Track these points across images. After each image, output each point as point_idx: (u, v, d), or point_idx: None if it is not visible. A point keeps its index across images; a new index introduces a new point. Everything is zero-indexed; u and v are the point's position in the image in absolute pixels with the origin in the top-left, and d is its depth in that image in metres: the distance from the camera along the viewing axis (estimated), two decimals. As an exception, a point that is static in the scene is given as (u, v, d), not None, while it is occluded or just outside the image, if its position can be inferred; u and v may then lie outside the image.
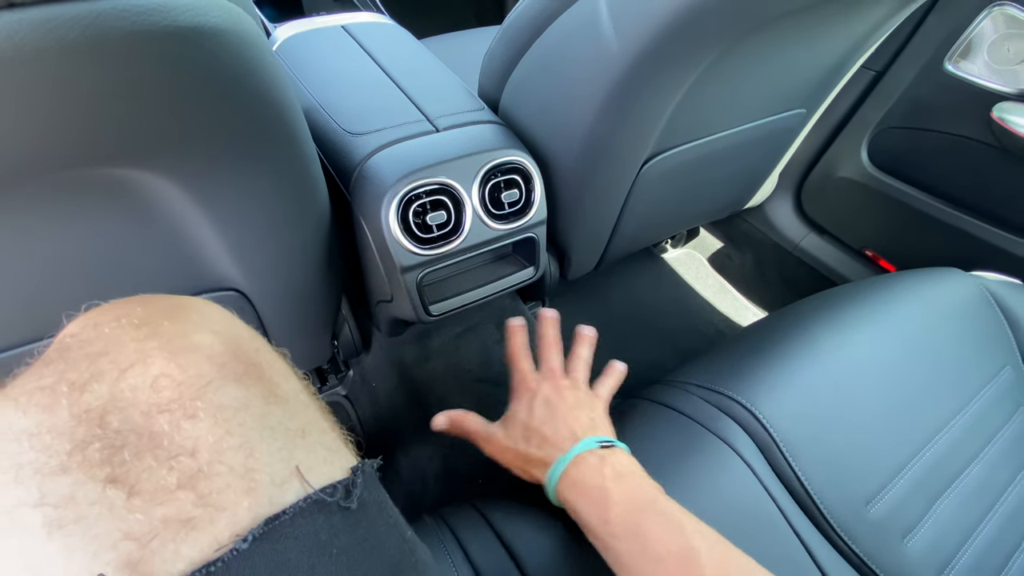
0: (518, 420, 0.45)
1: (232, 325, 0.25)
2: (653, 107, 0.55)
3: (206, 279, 0.46)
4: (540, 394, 0.46)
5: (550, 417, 0.44)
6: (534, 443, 0.43)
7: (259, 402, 0.22)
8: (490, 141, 0.55)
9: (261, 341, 0.26)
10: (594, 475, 0.39)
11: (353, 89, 0.60)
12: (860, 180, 0.95)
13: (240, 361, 0.23)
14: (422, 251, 0.51)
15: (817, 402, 0.54)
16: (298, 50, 0.68)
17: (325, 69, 0.64)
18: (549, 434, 0.43)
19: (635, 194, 0.67)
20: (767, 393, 0.54)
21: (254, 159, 0.36)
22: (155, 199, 0.36)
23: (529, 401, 0.46)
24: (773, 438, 0.51)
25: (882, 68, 0.88)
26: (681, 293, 1.14)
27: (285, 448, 0.22)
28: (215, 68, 0.27)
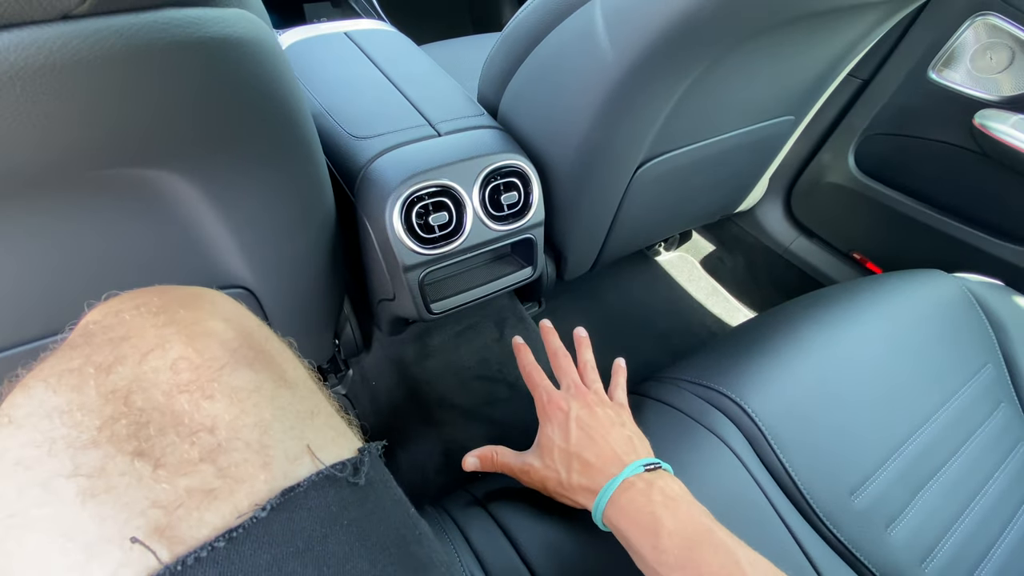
0: (555, 446, 0.43)
1: (242, 315, 0.27)
2: (647, 114, 0.57)
3: (218, 277, 0.48)
4: (572, 416, 0.44)
5: (589, 441, 0.42)
6: (575, 469, 0.41)
7: (270, 385, 0.23)
8: (490, 145, 0.57)
9: (269, 331, 0.28)
10: (644, 502, 0.37)
11: (357, 94, 0.62)
12: (847, 185, 0.98)
13: (251, 348, 0.24)
14: (424, 250, 0.53)
15: (804, 397, 0.57)
16: (302, 56, 0.70)
17: (329, 75, 0.66)
18: (592, 459, 0.41)
19: (629, 197, 0.69)
20: (756, 388, 0.56)
21: (270, 163, 0.37)
22: (174, 198, 0.38)
23: (563, 425, 0.44)
24: (762, 431, 0.53)
25: (868, 76, 0.91)
26: (674, 295, 1.16)
27: (296, 427, 0.23)
28: (239, 76, 0.28)
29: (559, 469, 0.42)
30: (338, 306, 0.66)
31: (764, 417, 0.54)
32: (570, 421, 0.44)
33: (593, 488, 0.40)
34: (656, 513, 0.36)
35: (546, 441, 0.44)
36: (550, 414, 0.45)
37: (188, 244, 0.43)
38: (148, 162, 0.31)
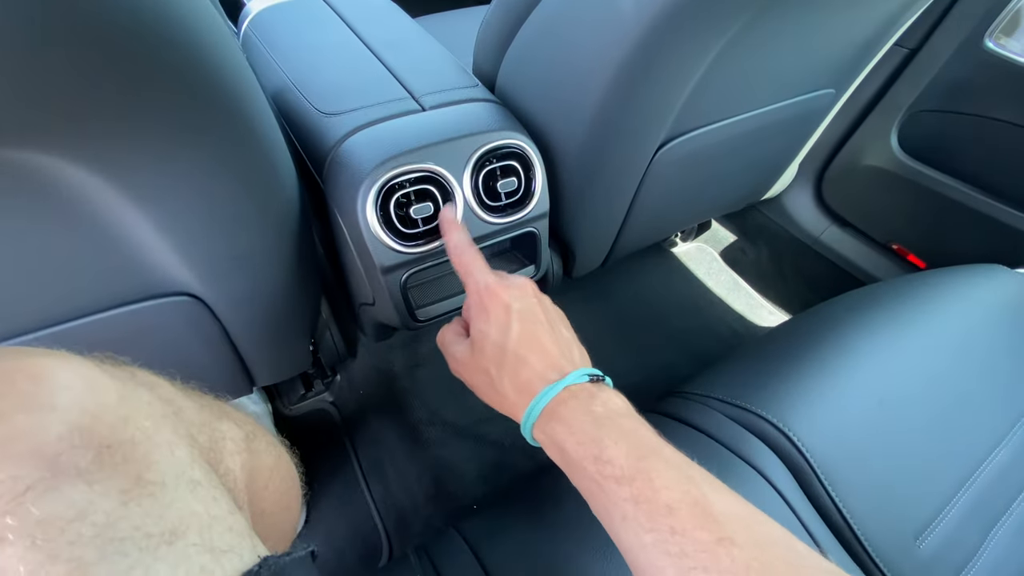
0: (488, 341, 0.36)
1: (89, 390, 0.19)
2: (670, 83, 0.48)
3: (153, 283, 0.39)
4: (514, 309, 0.37)
5: (530, 339, 0.35)
6: (509, 370, 0.35)
7: (110, 503, 0.16)
8: (484, 122, 0.48)
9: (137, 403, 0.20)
10: (584, 412, 0.32)
11: (329, 65, 0.53)
12: (888, 168, 0.87)
13: (90, 445, 0.17)
14: (405, 249, 0.45)
15: (858, 420, 0.48)
16: (272, 24, 0.61)
17: (300, 44, 0.57)
18: (531, 360, 0.35)
19: (648, 183, 0.60)
20: (800, 409, 0.47)
21: (192, 144, 0.29)
22: (75, 192, 0.29)
23: (501, 317, 0.36)
24: (809, 462, 0.45)
25: (916, 45, 0.80)
26: (692, 290, 1.07)
27: (138, 565, 0.16)
28: (97, 13, 0.20)
29: (490, 368, 0.36)
30: (313, 311, 0.58)
31: (812, 446, 0.45)
32: (511, 314, 0.36)
33: (528, 392, 0.34)
34: (600, 423, 0.31)
35: (478, 336, 0.37)
36: (487, 304, 0.37)
37: (109, 246, 0.34)
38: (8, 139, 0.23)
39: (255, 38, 0.61)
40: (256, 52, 0.59)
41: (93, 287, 0.37)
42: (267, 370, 0.57)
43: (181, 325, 0.44)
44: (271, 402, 0.78)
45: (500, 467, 0.52)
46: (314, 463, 0.72)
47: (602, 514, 0.30)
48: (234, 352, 0.51)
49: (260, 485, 0.30)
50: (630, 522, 0.28)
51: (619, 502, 0.28)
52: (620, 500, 0.28)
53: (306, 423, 0.76)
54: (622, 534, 0.28)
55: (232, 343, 0.50)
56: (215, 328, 0.46)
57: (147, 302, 0.40)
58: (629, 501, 0.28)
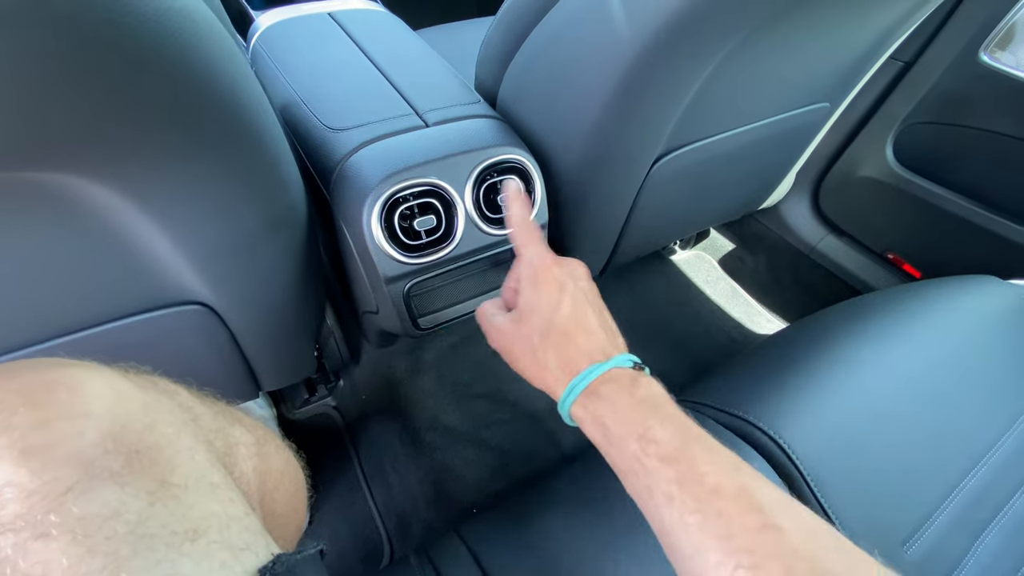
0: (536, 313, 0.36)
1: (118, 399, 0.20)
2: (666, 99, 0.49)
3: (167, 293, 0.41)
4: (568, 288, 0.36)
5: (580, 319, 0.35)
6: (554, 343, 0.35)
7: (139, 503, 0.18)
8: (485, 137, 0.49)
9: (161, 411, 0.21)
10: (629, 394, 0.32)
11: (337, 81, 0.55)
12: (884, 179, 0.89)
13: (120, 450, 0.18)
14: (409, 260, 0.46)
15: (847, 427, 0.49)
16: (280, 39, 0.63)
17: (308, 60, 0.59)
18: (577, 338, 0.35)
19: (644, 195, 0.62)
20: (792, 417, 0.49)
21: (199, 157, 0.30)
22: (95, 209, 0.31)
23: (554, 293, 0.36)
24: (799, 469, 0.46)
25: (911, 58, 0.82)
26: (690, 297, 1.08)
27: (166, 560, 0.17)
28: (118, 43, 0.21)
29: (534, 338, 0.35)
30: (317, 318, 0.59)
31: (802, 453, 0.46)
32: (564, 292, 0.36)
33: (571, 368, 0.34)
34: (644, 405, 0.31)
35: (527, 306, 0.37)
36: (540, 276, 0.37)
37: (126, 258, 0.36)
38: (32, 164, 0.25)
39: (264, 53, 0.62)
40: (264, 66, 0.61)
41: (110, 297, 0.39)
42: (273, 375, 0.59)
43: (192, 332, 0.45)
44: (275, 406, 0.80)
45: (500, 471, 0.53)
46: (317, 466, 0.74)
47: (642, 493, 0.30)
48: (242, 358, 0.53)
49: (270, 487, 0.32)
50: (676, 503, 0.27)
51: (662, 482, 0.28)
52: (664, 480, 0.28)
53: (309, 427, 0.77)
54: (665, 514, 0.28)
55: (240, 349, 0.52)
56: (224, 335, 0.48)
57: (161, 311, 0.42)
58: (674, 482, 0.28)
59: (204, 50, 0.26)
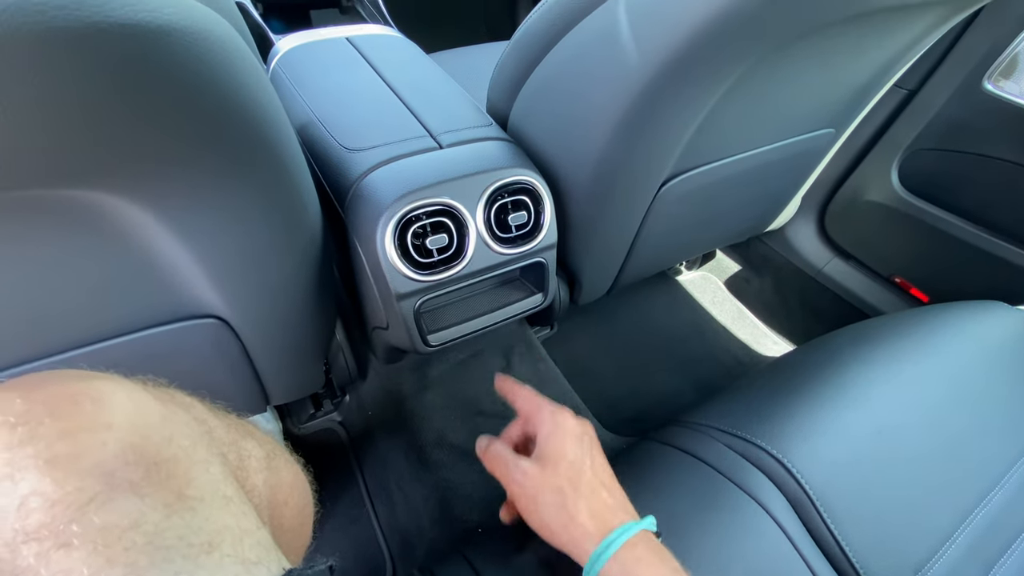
0: (568, 461, 0.36)
1: (139, 411, 0.21)
2: (674, 125, 0.51)
3: (184, 306, 0.42)
4: (586, 442, 0.37)
5: (605, 472, 0.36)
6: (586, 491, 0.35)
7: (157, 514, 0.18)
8: (497, 159, 0.51)
9: (178, 424, 0.22)
10: (662, 562, 0.32)
11: (353, 103, 0.57)
12: (889, 203, 0.89)
13: (140, 462, 0.19)
14: (420, 277, 0.47)
15: (857, 451, 0.49)
16: (299, 62, 0.65)
17: (326, 82, 0.61)
18: (605, 493, 0.35)
19: (652, 217, 0.62)
20: (799, 440, 0.49)
21: (232, 182, 0.32)
22: (123, 224, 0.32)
23: (580, 440, 0.37)
24: (807, 493, 0.46)
25: (915, 87, 0.83)
26: (697, 318, 1.09)
27: (183, 572, 0.18)
28: (164, 72, 0.23)
29: (564, 486, 0.35)
30: (328, 334, 0.60)
31: (810, 477, 0.46)
32: (589, 442, 0.37)
33: (605, 522, 0.34)
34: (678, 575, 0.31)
35: (554, 453, 0.36)
36: (562, 424, 0.37)
37: (148, 273, 0.37)
38: (65, 182, 0.26)
39: (283, 75, 0.65)
40: (284, 88, 0.63)
41: (132, 310, 0.40)
42: (282, 389, 0.59)
43: (206, 345, 0.46)
44: (281, 420, 0.80)
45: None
46: (321, 483, 0.73)
47: None
48: (252, 371, 0.53)
49: (280, 501, 0.32)
50: None
51: None
52: None
53: (314, 442, 0.77)
54: None
55: (251, 362, 0.52)
56: (236, 348, 0.49)
57: (178, 324, 0.43)
58: None
59: (238, 77, 0.27)
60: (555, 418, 0.39)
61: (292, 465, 0.36)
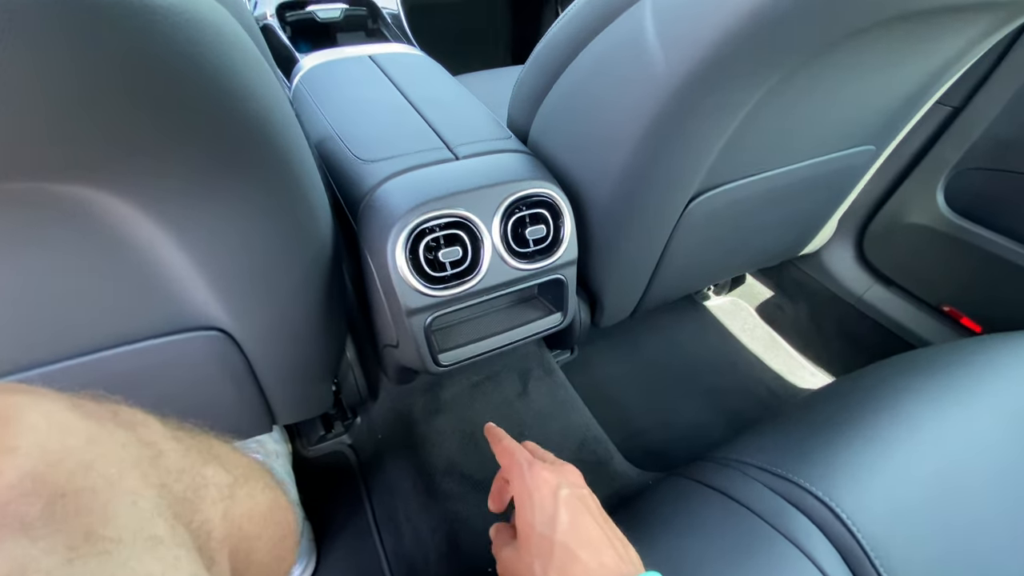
0: (536, 530, 0.33)
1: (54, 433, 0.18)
2: (703, 137, 0.48)
3: (185, 317, 0.40)
4: (561, 494, 0.34)
5: (580, 530, 0.32)
6: (556, 565, 0.31)
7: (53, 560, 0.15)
8: (515, 171, 0.48)
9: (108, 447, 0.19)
10: None
11: (371, 116, 0.56)
12: (936, 226, 0.84)
13: (41, 494, 0.16)
14: (432, 292, 0.45)
15: (915, 496, 0.43)
16: (321, 79, 0.66)
17: (345, 96, 0.60)
18: (582, 555, 0.31)
19: (678, 236, 0.59)
20: (849, 482, 0.43)
21: (224, 174, 0.30)
22: (109, 224, 0.31)
23: (546, 503, 0.34)
24: (859, 542, 0.40)
25: (960, 103, 0.79)
26: (727, 346, 1.03)
27: None
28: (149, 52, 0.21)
29: (534, 564, 0.32)
30: (338, 351, 0.58)
31: (863, 524, 0.41)
32: (558, 500, 0.33)
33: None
34: None
35: (524, 527, 0.34)
36: (532, 488, 0.34)
37: (144, 279, 0.36)
38: (50, 175, 0.24)
39: (304, 91, 0.65)
40: (304, 104, 0.63)
41: (126, 319, 0.38)
42: (289, 408, 0.57)
43: (209, 359, 0.44)
44: (291, 442, 0.78)
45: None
46: (327, 508, 0.70)
47: None
48: (258, 388, 0.51)
49: (251, 533, 0.29)
50: None
51: None
52: None
53: (323, 465, 0.74)
54: None
55: (257, 379, 0.50)
56: (241, 363, 0.47)
57: (178, 335, 0.41)
58: None
59: (233, 65, 0.26)
60: (524, 481, 0.35)
61: (271, 492, 0.33)
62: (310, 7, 0.89)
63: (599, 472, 0.65)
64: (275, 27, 0.83)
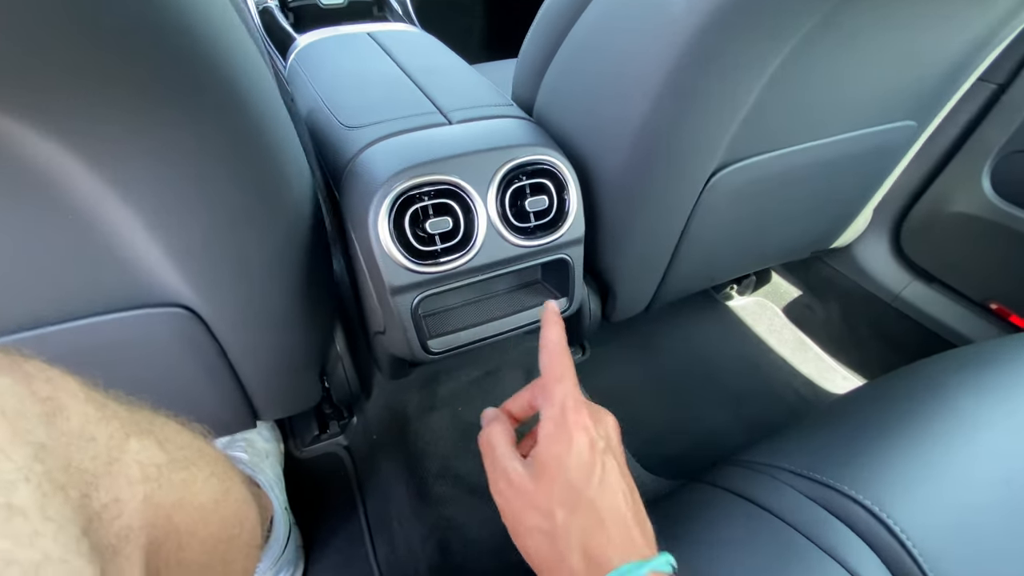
0: (564, 475, 0.28)
1: None
2: (725, 98, 0.43)
3: (143, 290, 0.36)
4: (599, 447, 0.29)
5: (615, 495, 0.28)
6: (580, 523, 0.27)
7: None
8: (514, 136, 0.44)
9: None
10: None
11: (361, 85, 0.52)
12: (981, 215, 0.77)
13: None
14: (419, 268, 0.40)
15: (978, 505, 0.37)
16: (316, 53, 0.62)
17: (337, 68, 0.57)
18: (608, 523, 0.27)
19: (698, 216, 0.54)
20: (899, 489, 0.37)
21: (167, 110, 0.26)
22: (48, 174, 0.27)
23: (585, 451, 0.29)
24: (914, 558, 0.34)
25: (1005, 80, 0.72)
26: (751, 348, 0.96)
27: None
28: None
29: (556, 512, 0.28)
30: (322, 339, 0.53)
31: (918, 537, 0.35)
32: (596, 454, 0.29)
33: (600, 565, 0.26)
34: None
35: (553, 463, 0.29)
36: (572, 427, 0.29)
37: (94, 244, 0.32)
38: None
39: (298, 67, 0.61)
40: (297, 80, 0.60)
41: (80, 289, 0.34)
42: (271, 402, 0.53)
43: (174, 340, 0.40)
44: (284, 442, 0.73)
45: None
46: (320, 513, 0.66)
47: None
48: (234, 378, 0.47)
49: (183, 527, 0.24)
50: None
51: None
52: None
53: (316, 468, 0.70)
54: None
55: (232, 368, 0.46)
56: (212, 347, 0.42)
57: (137, 311, 0.37)
58: None
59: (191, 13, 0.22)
60: (565, 413, 0.30)
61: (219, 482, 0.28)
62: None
63: (610, 478, 0.59)
64: (274, 9, 0.81)
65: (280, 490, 0.65)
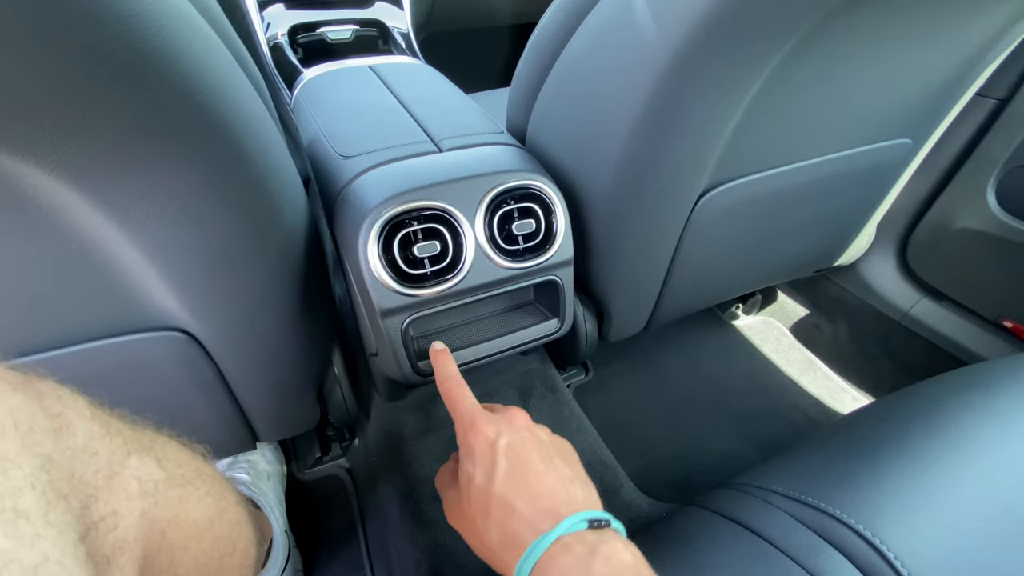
0: (475, 483, 0.32)
1: None
2: (706, 119, 0.43)
3: (142, 315, 0.38)
4: (500, 445, 0.32)
5: (518, 481, 0.31)
6: (495, 518, 0.30)
7: None
8: (502, 162, 0.45)
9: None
10: (585, 570, 0.27)
11: (358, 116, 0.54)
12: (988, 230, 0.75)
13: None
14: (408, 291, 0.41)
15: (979, 534, 0.36)
16: (319, 86, 0.65)
17: (337, 100, 0.59)
18: (519, 506, 0.30)
19: (690, 235, 0.54)
20: (896, 513, 0.36)
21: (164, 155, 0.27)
22: (49, 206, 0.28)
23: (486, 456, 0.32)
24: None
25: (1005, 95, 0.72)
26: (758, 369, 0.95)
27: None
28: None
29: (476, 517, 0.31)
30: (319, 361, 0.54)
31: (915, 566, 0.34)
32: (497, 452, 0.32)
33: (515, 546, 0.29)
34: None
35: (464, 479, 0.33)
36: (471, 441, 0.34)
37: (93, 271, 0.33)
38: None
39: (302, 100, 0.64)
40: (301, 111, 0.62)
41: (80, 315, 0.36)
42: (271, 424, 0.54)
43: (172, 364, 0.41)
44: (287, 464, 0.74)
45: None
46: (320, 536, 0.66)
47: None
48: (233, 401, 0.48)
49: (176, 543, 0.25)
50: None
51: None
52: None
53: (317, 490, 0.70)
54: None
55: (231, 390, 0.47)
56: (210, 370, 0.44)
57: (135, 335, 0.38)
58: None
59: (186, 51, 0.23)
60: (465, 433, 0.34)
61: (214, 502, 0.29)
62: (321, 29, 0.91)
63: (605, 502, 0.58)
64: (284, 45, 0.85)
65: (280, 512, 0.65)
